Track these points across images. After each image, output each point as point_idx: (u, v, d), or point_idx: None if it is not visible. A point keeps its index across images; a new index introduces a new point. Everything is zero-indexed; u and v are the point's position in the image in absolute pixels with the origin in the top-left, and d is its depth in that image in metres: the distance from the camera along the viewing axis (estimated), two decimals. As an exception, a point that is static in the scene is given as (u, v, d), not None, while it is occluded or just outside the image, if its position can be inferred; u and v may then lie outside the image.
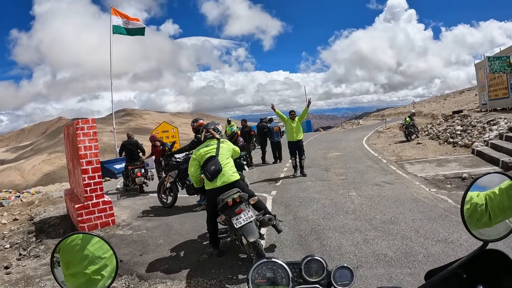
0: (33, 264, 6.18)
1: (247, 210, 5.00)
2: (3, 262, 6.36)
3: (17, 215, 9.95)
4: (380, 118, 56.07)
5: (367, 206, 7.53)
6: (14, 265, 6.21)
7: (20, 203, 11.84)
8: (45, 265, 6.01)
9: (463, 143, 14.39)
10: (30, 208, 10.87)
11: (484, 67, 18.49)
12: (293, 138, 11.61)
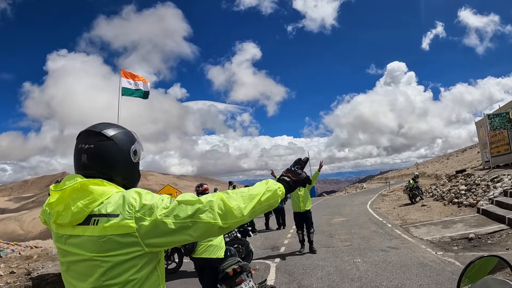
0: None
1: (248, 280, 4.91)
2: None
3: (14, 268, 9.75)
4: (384, 181, 55.96)
5: (373, 272, 7.34)
6: None
7: (18, 256, 11.62)
8: None
9: (468, 202, 14.25)
10: (28, 262, 10.66)
11: (485, 125, 18.74)
12: (300, 208, 9.93)
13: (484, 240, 8.70)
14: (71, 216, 1.48)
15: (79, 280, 1.50)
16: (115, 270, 1.44)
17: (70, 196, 1.50)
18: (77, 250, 1.49)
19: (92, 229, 1.46)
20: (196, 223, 1.46)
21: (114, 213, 1.45)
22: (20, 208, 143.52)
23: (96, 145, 1.61)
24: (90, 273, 1.46)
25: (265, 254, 10.29)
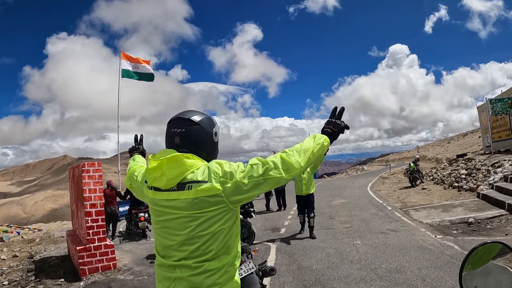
0: None
1: (248, 261, 4.92)
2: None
3: (17, 252, 9.86)
4: (385, 164, 56.03)
5: (372, 255, 7.41)
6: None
7: (21, 239, 11.75)
8: None
9: (468, 187, 14.29)
10: (30, 246, 10.78)
11: (486, 110, 18.62)
12: (302, 191, 9.64)
13: (483, 225, 8.74)
14: (166, 181, 1.93)
15: (174, 235, 1.98)
16: (206, 223, 1.90)
17: (167, 166, 1.93)
18: (174, 210, 1.95)
19: (187, 193, 1.90)
20: (267, 179, 1.90)
21: (204, 180, 1.88)
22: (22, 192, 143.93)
23: (187, 129, 2.04)
24: (185, 227, 1.93)
25: (265, 235, 10.39)
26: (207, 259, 1.95)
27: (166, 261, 2.07)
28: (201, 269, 1.95)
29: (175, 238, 1.98)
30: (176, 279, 2.01)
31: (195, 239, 1.94)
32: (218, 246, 1.95)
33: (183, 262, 1.98)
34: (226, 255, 2.00)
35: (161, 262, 2.13)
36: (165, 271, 2.08)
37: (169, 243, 2.03)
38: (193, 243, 1.95)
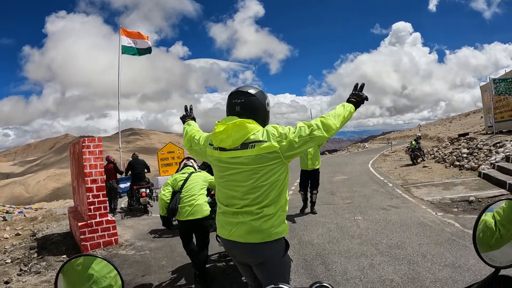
0: (33, 280, 6.13)
1: None
2: (3, 276, 6.33)
3: (19, 230, 9.94)
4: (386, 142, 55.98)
5: (373, 230, 7.45)
6: (14, 280, 6.17)
7: (23, 218, 11.84)
8: (46, 282, 5.97)
9: (469, 166, 14.29)
10: (33, 224, 10.87)
11: (490, 89, 18.47)
12: (308, 166, 9.47)
13: (484, 204, 8.74)
14: (232, 142, 2.41)
15: (238, 186, 2.45)
16: (266, 175, 2.39)
17: (232, 129, 2.40)
18: (239, 166, 2.42)
19: (251, 151, 2.38)
20: (312, 138, 2.42)
21: (264, 140, 2.38)
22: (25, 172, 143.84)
23: (245, 100, 2.53)
24: (248, 179, 2.41)
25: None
26: (265, 205, 2.42)
27: (230, 208, 2.53)
28: (261, 214, 2.42)
29: (240, 189, 2.46)
30: (238, 223, 2.47)
31: (257, 189, 2.41)
32: (274, 194, 2.43)
33: (245, 209, 2.45)
34: (279, 202, 2.47)
35: (224, 210, 2.59)
36: (229, 217, 2.54)
37: (233, 194, 2.50)
38: (255, 192, 2.42)
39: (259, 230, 2.43)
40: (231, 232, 2.53)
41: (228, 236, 2.55)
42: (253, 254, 2.50)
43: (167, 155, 19.14)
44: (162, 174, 18.83)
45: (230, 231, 2.53)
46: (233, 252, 2.66)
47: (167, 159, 19.06)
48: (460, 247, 5.93)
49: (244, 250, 2.52)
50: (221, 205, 2.65)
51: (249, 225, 2.44)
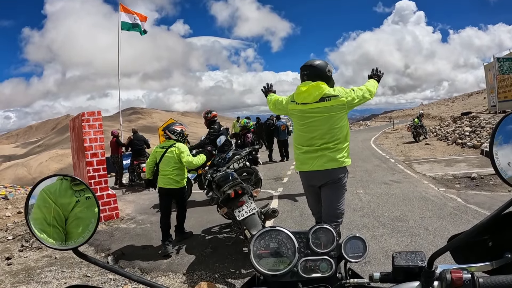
0: (35, 255, 6.13)
1: (250, 202, 4.89)
2: (5, 253, 6.33)
3: (21, 208, 9.91)
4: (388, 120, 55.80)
5: (375, 203, 7.42)
6: (16, 256, 6.18)
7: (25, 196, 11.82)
8: (47, 257, 5.97)
9: (471, 144, 14.22)
10: None
11: (494, 68, 18.26)
12: None
13: (486, 181, 8.70)
14: (312, 98, 3.53)
15: (318, 129, 3.56)
16: (337, 121, 3.53)
17: (312, 89, 3.53)
18: (318, 114, 3.53)
19: (327, 103, 3.51)
20: (364, 97, 3.70)
21: (336, 95, 3.51)
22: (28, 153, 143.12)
23: (310, 70, 3.66)
24: (325, 124, 3.52)
25: (268, 184, 10.39)
26: (338, 142, 3.61)
27: (311, 147, 3.67)
28: (335, 148, 3.60)
29: (319, 131, 3.60)
30: (319, 156, 3.62)
31: (331, 130, 3.58)
32: (343, 134, 3.64)
33: (324, 145, 3.60)
34: (346, 140, 3.70)
35: (306, 150, 3.72)
36: (310, 154, 3.67)
37: (313, 135, 3.64)
38: (330, 133, 3.58)
39: (335, 159, 3.61)
40: (312, 164, 3.68)
41: (309, 168, 3.72)
42: (330, 176, 3.65)
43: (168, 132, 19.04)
44: None
45: (311, 164, 3.69)
46: (312, 180, 3.82)
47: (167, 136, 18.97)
48: (463, 221, 5.88)
49: (323, 175, 3.66)
50: (302, 147, 3.78)
51: (328, 156, 3.61)
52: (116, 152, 13.00)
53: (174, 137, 6.16)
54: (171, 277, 4.97)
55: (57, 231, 0.98)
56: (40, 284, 4.99)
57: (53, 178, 1.01)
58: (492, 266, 0.98)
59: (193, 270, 5.09)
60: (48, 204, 0.98)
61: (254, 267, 1.13)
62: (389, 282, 0.96)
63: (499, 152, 0.89)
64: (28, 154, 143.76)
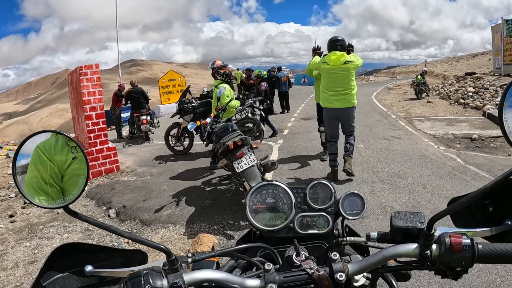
0: (37, 212, 6.16)
1: (249, 154, 4.87)
2: (8, 210, 6.37)
3: None
4: (390, 76, 55.23)
5: (375, 158, 7.46)
6: (18, 213, 6.21)
7: None
8: (49, 212, 6.01)
9: (474, 104, 14.11)
10: None
11: (501, 30, 17.85)
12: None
13: (486, 143, 8.66)
14: (339, 63, 5.68)
15: (340, 81, 5.82)
16: (352, 76, 5.93)
17: (341, 56, 5.67)
18: (342, 71, 5.74)
19: (346, 65, 5.71)
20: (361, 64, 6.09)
21: (353, 60, 5.77)
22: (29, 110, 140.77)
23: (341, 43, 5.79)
24: (345, 78, 5.81)
25: (268, 135, 10.38)
26: (352, 90, 5.90)
27: (335, 92, 5.85)
28: (350, 93, 5.90)
29: (340, 83, 5.80)
30: (340, 99, 5.86)
31: (349, 82, 5.83)
32: (354, 85, 5.94)
33: (344, 91, 5.82)
34: (355, 88, 6.01)
35: (331, 94, 5.88)
36: (335, 96, 5.86)
37: (337, 85, 5.81)
38: (348, 83, 5.82)
39: (349, 101, 5.94)
40: (335, 103, 5.93)
41: (333, 106, 5.97)
42: (345, 112, 6.04)
43: (168, 83, 18.63)
44: (164, 102, 18.40)
45: (334, 104, 5.94)
46: (334, 113, 6.08)
47: (168, 87, 18.58)
48: (461, 181, 5.91)
49: (342, 110, 6.00)
50: (328, 91, 5.97)
51: (346, 99, 5.91)
52: (115, 104, 12.98)
53: (219, 78, 7.06)
54: (171, 228, 5.04)
55: (55, 190, 0.94)
56: (43, 240, 5.05)
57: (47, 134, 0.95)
58: (492, 232, 0.97)
59: (192, 221, 5.15)
60: (44, 162, 0.93)
61: (249, 222, 1.12)
62: (386, 242, 0.94)
63: (509, 115, 0.85)
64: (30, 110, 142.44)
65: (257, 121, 7.82)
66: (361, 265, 0.89)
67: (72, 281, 1.02)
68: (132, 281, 0.82)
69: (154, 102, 19.04)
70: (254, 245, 1.05)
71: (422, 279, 3.28)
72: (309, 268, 0.88)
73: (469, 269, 0.82)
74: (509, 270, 3.34)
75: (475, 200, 0.83)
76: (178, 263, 0.87)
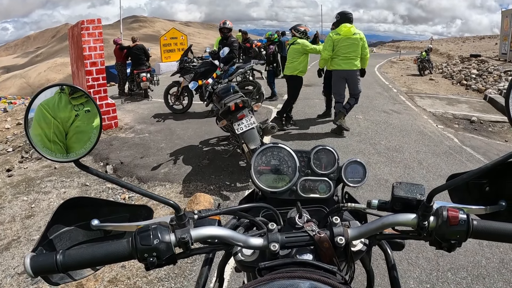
0: (34, 166, 6.19)
1: (250, 116, 4.87)
2: (6, 165, 6.40)
3: (20, 120, 9.91)
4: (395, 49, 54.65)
5: (373, 130, 7.47)
6: (16, 167, 6.25)
7: (24, 108, 11.70)
8: (47, 167, 6.04)
9: (476, 87, 14.02)
10: None
11: (511, 16, 17.61)
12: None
13: (485, 126, 8.67)
14: (350, 33, 6.86)
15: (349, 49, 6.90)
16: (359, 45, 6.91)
17: (351, 28, 6.87)
18: (352, 41, 6.88)
19: (356, 36, 6.88)
20: None
21: (358, 32, 6.93)
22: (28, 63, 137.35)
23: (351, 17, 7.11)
24: (353, 46, 6.89)
25: (267, 99, 10.32)
26: (358, 55, 6.96)
27: (345, 57, 6.92)
28: (357, 58, 6.96)
29: (350, 50, 6.88)
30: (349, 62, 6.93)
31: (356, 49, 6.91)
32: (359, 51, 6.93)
33: (352, 56, 6.90)
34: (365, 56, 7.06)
35: (342, 58, 6.94)
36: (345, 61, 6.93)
37: (347, 51, 6.89)
38: (355, 51, 6.91)
39: (356, 65, 6.95)
40: (343, 66, 6.91)
41: (341, 68, 6.95)
42: (351, 74, 7.00)
43: (170, 41, 18.28)
44: (164, 60, 18.10)
45: (342, 66, 6.92)
46: (343, 74, 7.02)
47: (169, 45, 18.23)
48: (456, 161, 5.95)
49: (350, 72, 6.97)
50: (339, 56, 6.92)
51: (352, 63, 6.91)
52: (120, 59, 12.70)
53: (298, 35, 7.60)
54: (167, 186, 5.09)
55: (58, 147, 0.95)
56: (40, 194, 5.09)
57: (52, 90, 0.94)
58: (486, 210, 1.02)
59: (189, 180, 5.21)
60: (48, 119, 0.93)
61: (253, 182, 1.14)
62: (386, 211, 0.97)
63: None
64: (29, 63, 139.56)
65: (257, 84, 7.76)
66: (360, 231, 0.93)
67: (78, 235, 1.05)
68: (141, 234, 0.84)
69: (155, 59, 18.76)
70: (258, 205, 1.07)
71: (411, 253, 3.34)
72: (310, 230, 0.91)
73: (457, 249, 0.86)
74: (494, 253, 3.43)
75: (474, 177, 0.87)
76: (186, 219, 0.90)
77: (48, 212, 4.56)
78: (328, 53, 7.02)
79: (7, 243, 3.91)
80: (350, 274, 0.99)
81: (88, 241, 1.05)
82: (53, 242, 0.99)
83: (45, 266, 0.83)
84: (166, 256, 0.84)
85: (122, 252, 0.84)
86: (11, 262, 3.57)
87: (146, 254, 0.82)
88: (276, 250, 0.88)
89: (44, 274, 0.88)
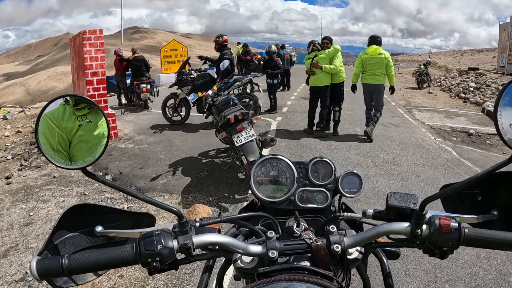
0: (33, 174, 6.19)
1: (249, 129, 4.90)
2: (5, 172, 6.40)
3: (20, 128, 9.91)
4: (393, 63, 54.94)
5: (371, 144, 7.51)
6: (15, 175, 6.24)
7: (24, 116, 11.73)
8: (46, 176, 6.04)
9: (474, 100, 14.10)
10: (33, 121, 10.78)
11: (509, 29, 17.72)
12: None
13: (483, 139, 8.71)
14: (376, 53, 7.73)
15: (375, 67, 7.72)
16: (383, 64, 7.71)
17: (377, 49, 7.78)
18: (377, 60, 7.71)
19: (381, 56, 7.70)
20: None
21: (383, 53, 7.77)
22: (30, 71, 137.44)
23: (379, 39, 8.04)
24: (381, 66, 7.70)
25: (267, 112, 10.41)
26: (382, 73, 7.75)
27: (372, 73, 7.78)
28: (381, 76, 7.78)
29: (375, 67, 7.72)
30: (374, 78, 7.78)
31: (381, 68, 7.70)
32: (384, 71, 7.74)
33: (378, 72, 7.74)
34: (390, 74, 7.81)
35: (368, 74, 7.85)
36: (372, 76, 7.83)
37: (373, 68, 7.74)
38: (380, 68, 7.70)
39: (380, 80, 7.78)
40: (370, 81, 7.81)
41: (368, 82, 7.88)
42: (376, 88, 7.85)
43: (170, 53, 18.34)
44: (164, 72, 18.12)
45: (369, 81, 7.84)
46: (370, 88, 7.94)
47: (170, 57, 18.30)
48: (455, 174, 5.97)
49: (375, 86, 7.84)
50: (366, 72, 7.86)
51: (377, 79, 7.76)
52: (120, 70, 12.75)
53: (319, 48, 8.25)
54: (166, 197, 5.10)
55: (62, 155, 0.99)
56: (39, 202, 5.08)
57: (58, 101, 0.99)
58: (478, 219, 1.04)
59: (188, 192, 5.22)
60: (52, 129, 0.98)
61: (253, 192, 1.17)
62: (380, 220, 1.00)
63: (503, 113, 0.88)
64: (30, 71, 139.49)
65: (255, 97, 7.81)
66: (356, 239, 0.96)
67: (82, 240, 1.07)
68: (145, 240, 0.87)
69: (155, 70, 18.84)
70: (257, 214, 1.11)
71: (409, 265, 3.36)
72: (308, 238, 0.94)
73: (455, 260, 0.89)
74: (492, 264, 3.43)
75: (466, 187, 0.92)
76: (188, 226, 0.93)
77: (46, 220, 4.56)
78: (358, 69, 8.03)
79: (5, 250, 3.91)
80: (346, 281, 1.01)
81: (92, 247, 1.07)
82: (58, 247, 1.01)
83: (50, 270, 0.86)
84: (169, 261, 0.87)
85: (126, 257, 0.88)
86: (9, 270, 3.56)
87: (150, 259, 0.85)
88: (274, 257, 0.90)
89: (49, 277, 0.90)
